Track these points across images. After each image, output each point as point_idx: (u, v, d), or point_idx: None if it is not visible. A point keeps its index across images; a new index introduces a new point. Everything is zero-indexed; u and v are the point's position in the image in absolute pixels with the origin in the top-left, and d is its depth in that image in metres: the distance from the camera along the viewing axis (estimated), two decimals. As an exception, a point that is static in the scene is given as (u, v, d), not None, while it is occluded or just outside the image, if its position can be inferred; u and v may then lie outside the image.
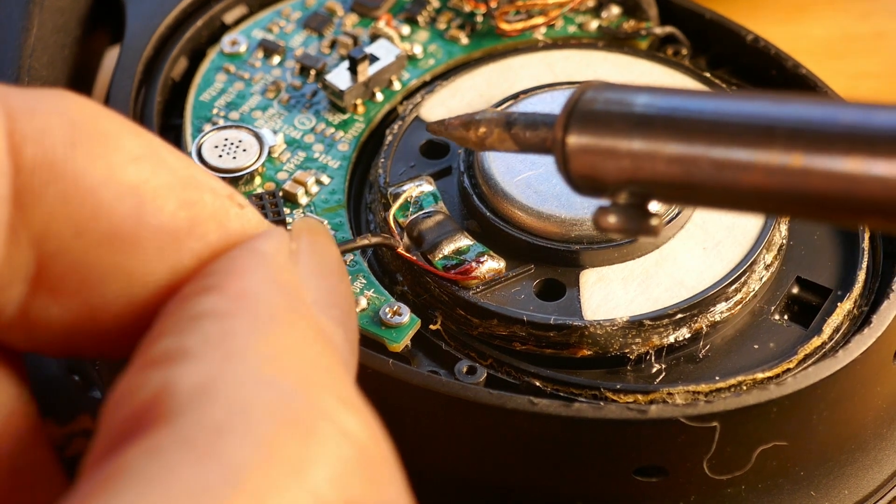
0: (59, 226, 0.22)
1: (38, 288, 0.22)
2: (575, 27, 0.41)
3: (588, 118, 0.26)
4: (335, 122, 0.39)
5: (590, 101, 0.26)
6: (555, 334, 0.33)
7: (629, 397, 0.32)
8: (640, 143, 0.25)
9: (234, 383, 0.20)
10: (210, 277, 0.23)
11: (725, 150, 0.24)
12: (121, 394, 0.21)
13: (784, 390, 0.32)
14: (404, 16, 0.41)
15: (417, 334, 0.34)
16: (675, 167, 0.25)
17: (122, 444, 0.20)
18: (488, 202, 0.35)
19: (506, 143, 0.29)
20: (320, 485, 0.20)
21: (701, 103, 0.25)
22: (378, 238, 0.34)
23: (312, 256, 0.24)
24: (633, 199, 0.26)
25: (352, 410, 0.21)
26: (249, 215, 0.24)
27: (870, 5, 0.51)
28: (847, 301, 0.35)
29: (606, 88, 0.26)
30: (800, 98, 0.24)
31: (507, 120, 0.29)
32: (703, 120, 0.25)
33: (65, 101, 0.23)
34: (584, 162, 0.26)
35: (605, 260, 0.34)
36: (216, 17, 0.42)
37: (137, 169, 0.23)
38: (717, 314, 0.34)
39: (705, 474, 0.32)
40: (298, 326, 0.22)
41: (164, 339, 0.22)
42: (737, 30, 0.41)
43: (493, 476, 0.33)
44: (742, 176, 0.24)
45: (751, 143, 0.24)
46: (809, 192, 0.23)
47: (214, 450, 0.20)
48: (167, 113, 0.40)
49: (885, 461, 0.35)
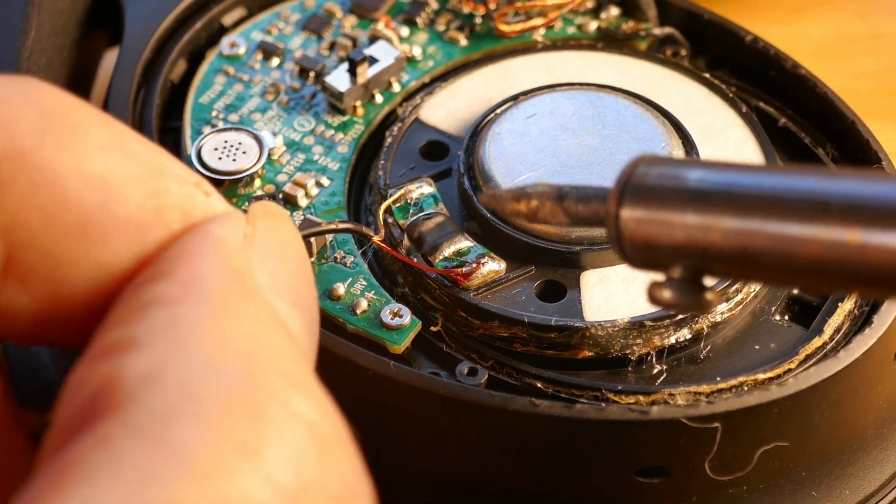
0: (27, 216, 0.22)
1: (6, 277, 0.22)
2: (574, 28, 0.41)
3: (641, 192, 0.26)
4: (335, 124, 0.39)
5: (642, 175, 0.26)
6: (556, 335, 0.33)
7: (630, 398, 0.32)
8: (696, 218, 0.25)
9: (181, 369, 0.20)
10: (161, 264, 0.23)
11: (781, 225, 0.24)
12: (73, 384, 0.21)
13: (785, 391, 0.32)
14: (403, 17, 0.41)
15: (418, 336, 0.34)
16: (731, 241, 0.25)
17: (75, 434, 0.20)
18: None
19: (558, 216, 0.30)
20: (273, 466, 0.20)
21: (756, 178, 0.25)
22: (348, 224, 0.34)
23: (268, 240, 0.24)
24: (687, 274, 0.26)
25: (303, 392, 0.21)
26: (215, 203, 0.24)
27: (868, 5, 0.51)
28: (848, 301, 0.35)
29: (659, 163, 0.27)
30: (855, 172, 0.24)
31: (559, 193, 0.29)
32: (759, 195, 0.25)
33: (34, 90, 0.23)
34: (638, 236, 0.26)
35: (606, 261, 0.34)
36: (215, 19, 0.42)
37: (105, 159, 0.23)
38: (717, 315, 0.34)
39: (707, 475, 0.32)
40: (248, 310, 0.22)
41: (114, 329, 0.22)
42: (736, 30, 0.41)
43: (495, 477, 0.33)
44: (799, 251, 0.24)
45: (807, 218, 0.24)
46: (868, 267, 0.23)
47: (163, 436, 0.20)
48: (166, 115, 0.40)
49: (886, 461, 0.35)
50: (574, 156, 0.36)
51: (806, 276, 0.25)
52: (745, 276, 0.26)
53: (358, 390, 0.32)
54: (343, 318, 0.33)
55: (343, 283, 0.34)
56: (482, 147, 0.36)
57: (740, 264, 0.25)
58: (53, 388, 0.29)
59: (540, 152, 0.36)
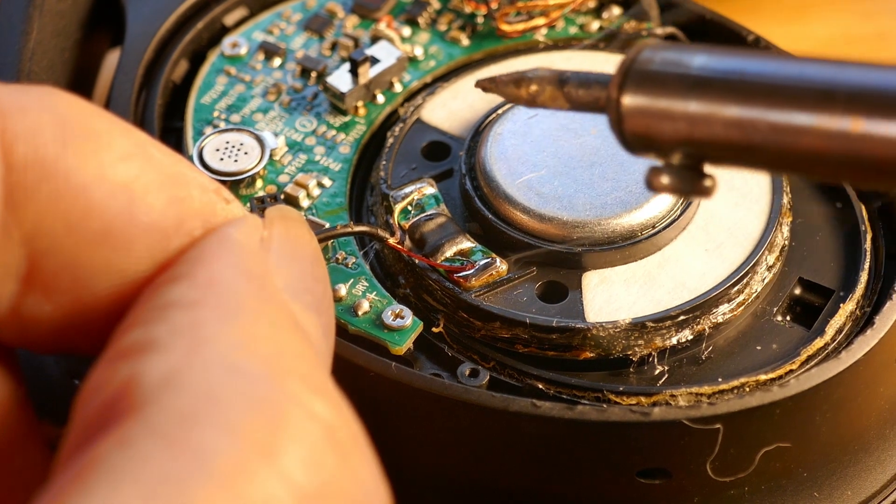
0: (50, 224, 0.22)
1: (29, 285, 0.23)
2: (576, 28, 0.41)
3: (644, 78, 0.26)
4: (336, 125, 0.39)
5: (646, 60, 0.26)
6: (557, 336, 0.33)
7: (632, 399, 0.32)
8: (698, 105, 0.25)
9: (201, 372, 0.21)
10: (179, 266, 0.23)
11: (784, 114, 0.24)
12: (91, 387, 0.21)
13: (787, 392, 0.32)
14: (405, 17, 0.41)
15: (420, 337, 0.34)
16: (733, 130, 0.25)
17: (94, 437, 0.20)
18: (490, 204, 0.35)
19: (558, 100, 0.29)
20: (292, 468, 0.20)
21: (760, 65, 0.25)
22: (363, 227, 0.34)
23: (285, 243, 0.24)
24: (687, 161, 0.26)
25: (320, 394, 0.21)
26: (235, 210, 0.24)
27: (872, 5, 0.51)
28: (850, 302, 0.34)
29: (663, 48, 0.26)
30: (860, 63, 0.24)
31: (560, 78, 0.29)
32: (763, 83, 0.24)
33: (55, 98, 0.23)
34: (639, 122, 0.26)
35: (608, 262, 0.34)
36: (217, 19, 0.42)
37: (127, 167, 0.23)
38: (719, 316, 0.34)
39: (708, 476, 0.32)
40: (266, 313, 0.22)
41: (133, 330, 0.22)
42: (738, 30, 0.41)
43: (496, 479, 0.33)
44: (800, 140, 0.24)
45: (810, 107, 0.24)
46: (868, 157, 0.23)
47: (184, 438, 0.20)
48: (168, 116, 0.40)
49: (888, 462, 0.34)
50: (576, 156, 0.36)
51: (805, 165, 0.24)
52: (744, 164, 0.26)
53: (359, 392, 0.32)
54: (344, 319, 0.33)
55: (345, 284, 0.34)
56: (484, 147, 0.36)
57: (741, 153, 0.25)
58: (54, 388, 0.29)
59: (542, 153, 0.36)
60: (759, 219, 0.36)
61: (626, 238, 0.35)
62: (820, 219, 0.37)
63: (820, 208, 0.37)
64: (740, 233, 0.35)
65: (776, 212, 0.36)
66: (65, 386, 0.34)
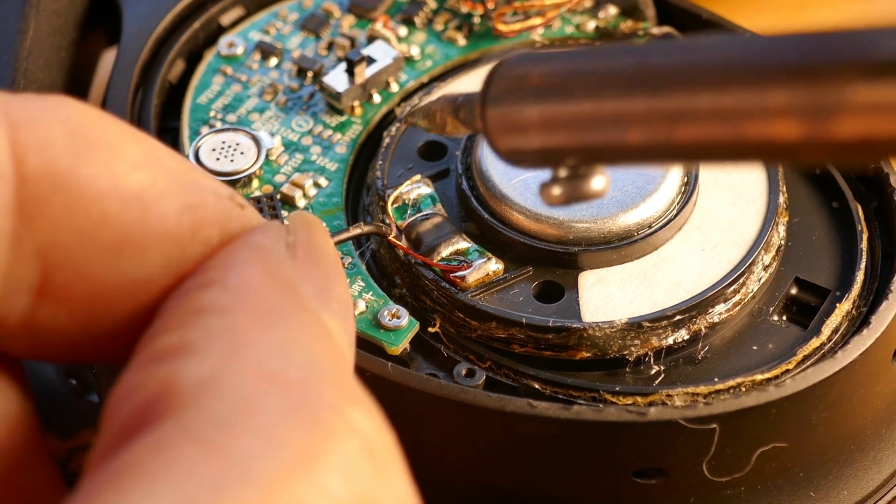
0: (64, 235, 0.22)
1: (42, 297, 0.22)
2: (572, 28, 0.41)
3: (499, 94, 0.25)
4: (332, 125, 0.39)
5: (500, 77, 0.26)
6: (553, 336, 0.33)
7: (628, 399, 0.32)
8: (537, 116, 0.24)
9: (239, 376, 0.20)
10: (209, 272, 0.23)
11: (605, 109, 0.23)
12: (124, 390, 0.21)
13: (783, 392, 0.32)
14: (401, 17, 0.41)
15: (416, 337, 0.34)
16: (572, 133, 0.24)
17: (128, 440, 0.20)
18: (486, 204, 0.35)
19: (460, 129, 0.29)
20: (329, 478, 0.20)
21: (591, 62, 0.24)
22: (371, 226, 0.34)
23: (309, 250, 0.24)
24: (571, 170, 0.25)
25: (357, 404, 0.21)
26: (250, 215, 0.24)
27: (869, 4, 0.51)
28: (846, 302, 0.34)
29: (519, 60, 0.26)
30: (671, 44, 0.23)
31: (454, 106, 0.29)
32: (589, 81, 0.24)
33: (67, 108, 0.23)
34: (506, 139, 0.26)
35: (604, 262, 0.34)
36: (213, 19, 0.42)
37: (140, 176, 0.23)
38: (715, 315, 0.34)
39: (705, 476, 0.32)
40: (299, 319, 0.22)
41: (167, 334, 0.22)
42: (734, 29, 0.41)
43: (492, 479, 0.33)
44: (624, 135, 0.23)
45: (616, 98, 0.23)
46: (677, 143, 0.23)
47: (222, 443, 0.19)
48: (164, 115, 0.40)
49: (884, 462, 0.35)
50: (572, 156, 0.36)
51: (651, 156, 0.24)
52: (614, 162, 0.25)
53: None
54: (341, 319, 0.33)
55: (341, 284, 0.34)
56: (480, 147, 0.36)
57: (592, 152, 0.24)
58: (51, 388, 0.29)
59: (538, 152, 0.36)
60: (755, 218, 0.36)
61: (622, 238, 0.35)
62: (816, 218, 0.37)
63: (816, 208, 0.37)
64: (736, 232, 0.35)
65: (772, 211, 0.36)
66: (62, 386, 0.34)
